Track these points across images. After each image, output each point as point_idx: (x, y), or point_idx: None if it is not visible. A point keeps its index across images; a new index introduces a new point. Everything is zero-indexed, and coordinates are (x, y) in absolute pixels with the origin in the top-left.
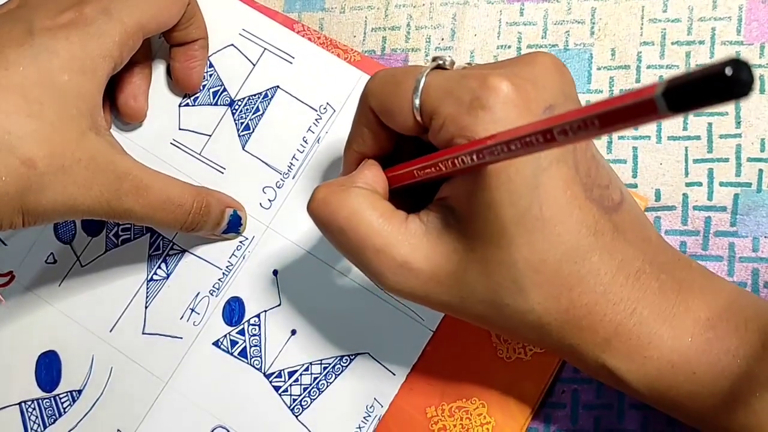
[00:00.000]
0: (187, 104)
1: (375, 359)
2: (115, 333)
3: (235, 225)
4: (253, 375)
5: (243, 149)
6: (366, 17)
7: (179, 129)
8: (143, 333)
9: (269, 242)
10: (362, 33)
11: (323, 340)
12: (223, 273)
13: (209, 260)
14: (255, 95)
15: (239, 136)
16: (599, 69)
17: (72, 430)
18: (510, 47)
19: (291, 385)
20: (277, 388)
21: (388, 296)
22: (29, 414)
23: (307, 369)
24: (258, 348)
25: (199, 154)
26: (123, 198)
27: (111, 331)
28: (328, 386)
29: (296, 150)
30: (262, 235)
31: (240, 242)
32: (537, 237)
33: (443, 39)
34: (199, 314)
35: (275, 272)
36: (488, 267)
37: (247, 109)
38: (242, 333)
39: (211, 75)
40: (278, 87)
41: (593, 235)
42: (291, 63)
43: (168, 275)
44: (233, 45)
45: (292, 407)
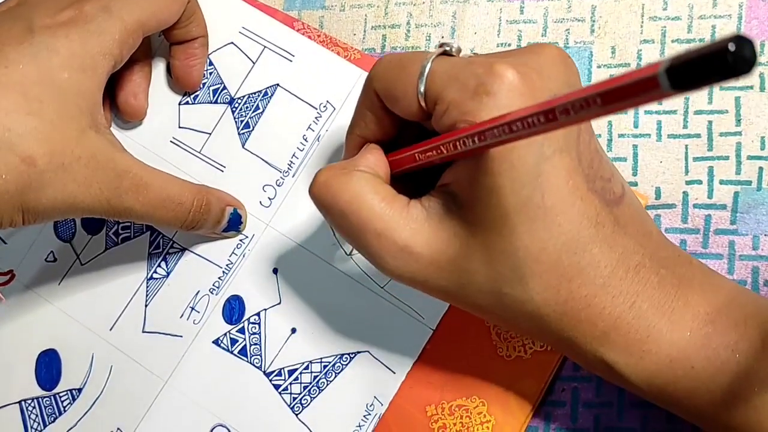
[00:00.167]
0: (187, 102)
1: (375, 358)
2: (115, 331)
3: (235, 223)
4: (253, 373)
5: (243, 147)
6: (366, 15)
7: (179, 127)
8: (143, 331)
9: (269, 240)
10: (362, 31)
11: (323, 339)
12: (223, 271)
13: (209, 258)
14: (255, 93)
15: (239, 134)
16: (599, 67)
17: (72, 429)
18: (510, 45)
19: (291, 384)
20: (278, 387)
21: (389, 295)
22: (29, 413)
23: (307, 367)
24: (258, 346)
25: (199, 152)
26: (123, 196)
27: (111, 330)
28: (328, 385)
29: (296, 148)
30: (262, 234)
31: (240, 240)
32: (538, 225)
33: (443, 37)
34: (199, 312)
35: (275, 270)
36: (488, 254)
37: (247, 107)
38: (242, 331)
39: (211, 73)
40: (278, 85)
41: (594, 227)
42: (291, 61)
43: (168, 273)
44: (233, 43)
45: (292, 406)
